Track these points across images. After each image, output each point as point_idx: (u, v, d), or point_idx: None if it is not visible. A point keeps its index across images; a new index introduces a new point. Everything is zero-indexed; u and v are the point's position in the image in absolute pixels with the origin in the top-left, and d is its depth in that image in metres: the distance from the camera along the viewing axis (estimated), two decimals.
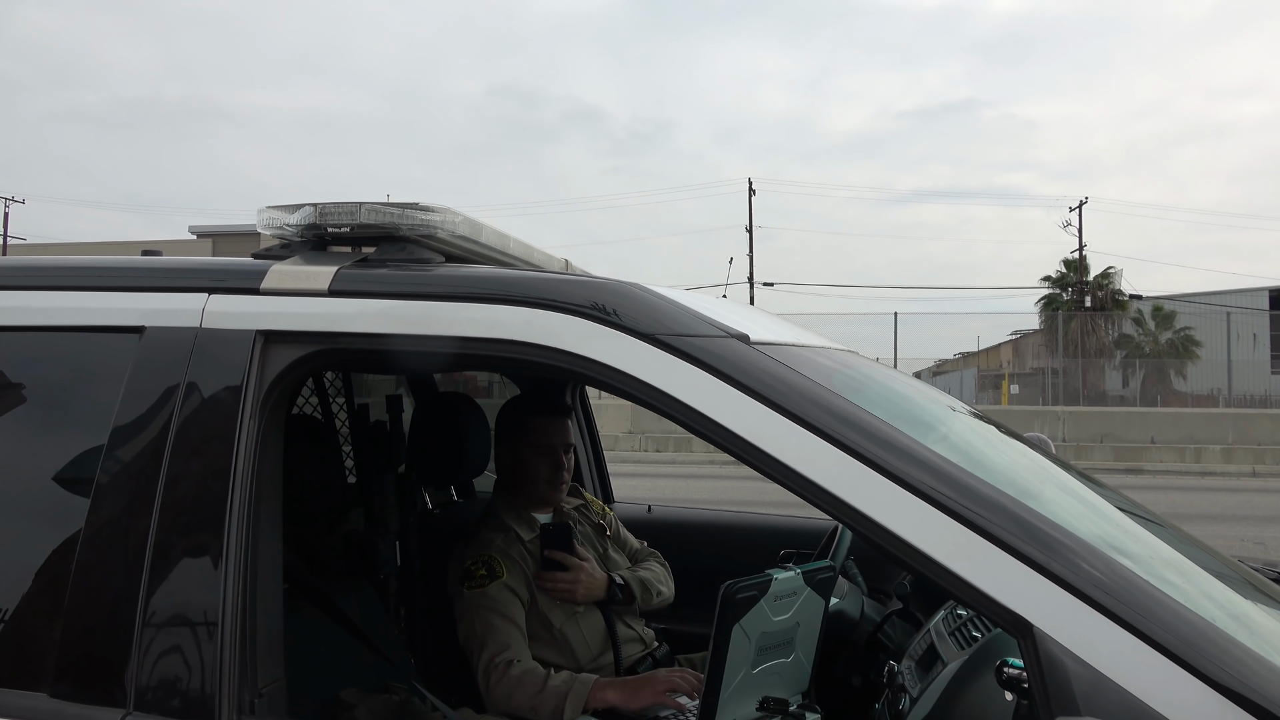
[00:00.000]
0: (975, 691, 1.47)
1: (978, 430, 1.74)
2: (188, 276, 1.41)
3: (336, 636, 1.83)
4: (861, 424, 1.17)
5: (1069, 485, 1.64)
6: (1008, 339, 39.82)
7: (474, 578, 2.13)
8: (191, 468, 1.26)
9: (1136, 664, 1.01)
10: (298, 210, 1.48)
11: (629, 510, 3.01)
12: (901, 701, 1.74)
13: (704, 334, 1.26)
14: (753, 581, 1.78)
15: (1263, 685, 0.99)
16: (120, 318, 1.37)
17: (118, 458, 1.29)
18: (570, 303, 1.28)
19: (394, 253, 1.44)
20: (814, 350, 1.49)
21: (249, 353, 1.30)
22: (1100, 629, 1.03)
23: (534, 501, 2.32)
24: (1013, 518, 1.09)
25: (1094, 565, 1.07)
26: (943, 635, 1.80)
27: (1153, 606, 1.04)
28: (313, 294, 1.34)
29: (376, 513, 2.24)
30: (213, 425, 1.27)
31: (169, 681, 1.18)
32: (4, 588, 1.31)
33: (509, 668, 2.03)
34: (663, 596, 2.40)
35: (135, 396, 1.31)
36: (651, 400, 1.23)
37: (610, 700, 1.99)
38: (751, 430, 1.17)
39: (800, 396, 1.19)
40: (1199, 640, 1.02)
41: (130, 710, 1.17)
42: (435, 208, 1.46)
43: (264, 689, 1.22)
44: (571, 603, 2.19)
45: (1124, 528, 1.53)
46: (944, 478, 1.12)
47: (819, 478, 1.13)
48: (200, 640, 1.18)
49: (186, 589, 1.21)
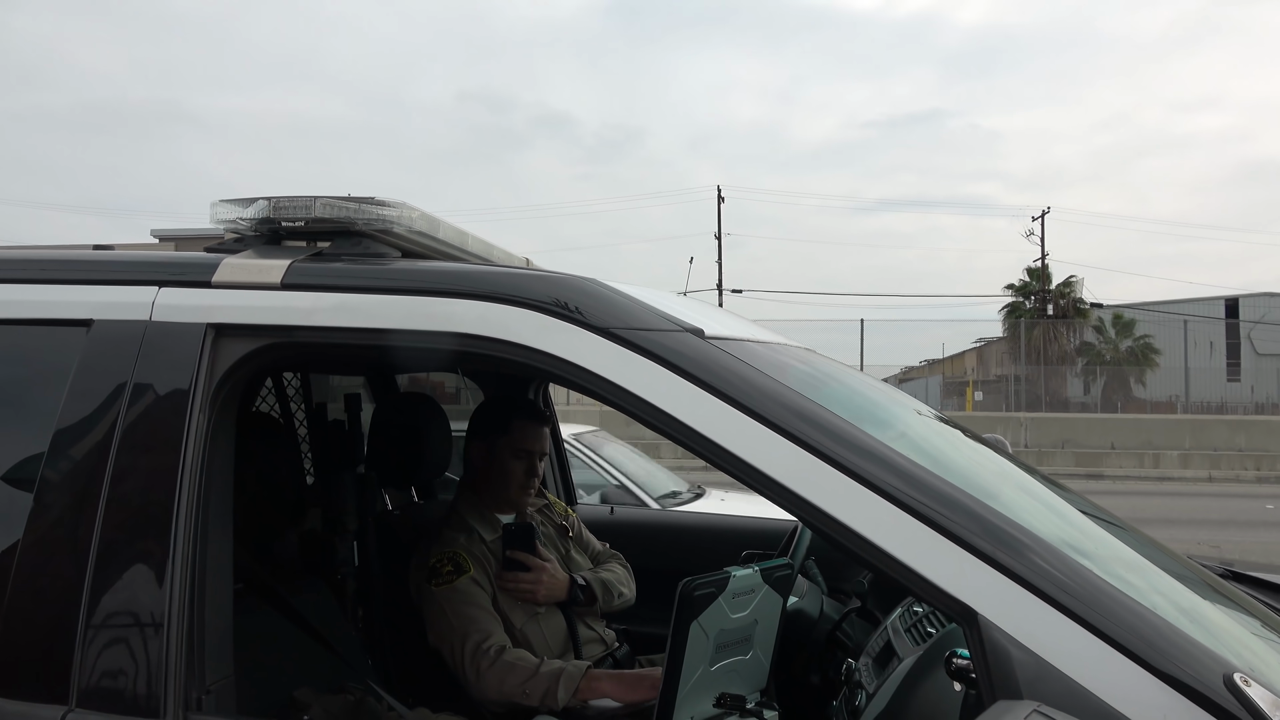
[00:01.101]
0: (928, 686, 1.48)
1: (933, 428, 1.76)
2: (138, 269, 1.40)
3: (292, 636, 1.81)
4: (813, 417, 1.18)
5: (1022, 482, 1.66)
6: (972, 346, 40.32)
7: (440, 574, 2.11)
8: (138, 462, 1.24)
9: (1079, 651, 1.03)
10: (252, 204, 1.47)
11: (592, 511, 3.01)
12: (858, 698, 1.76)
13: (659, 328, 1.26)
14: (711, 579, 1.78)
15: (1203, 673, 1.01)
16: (68, 310, 1.35)
17: (63, 451, 1.27)
18: (526, 297, 1.28)
19: (349, 248, 1.43)
20: (769, 346, 1.50)
21: (199, 346, 1.29)
22: (1044, 617, 1.04)
23: (500, 503, 2.31)
24: (960, 509, 1.11)
25: (1040, 556, 1.09)
26: (899, 632, 1.82)
27: (1097, 596, 1.06)
28: (265, 287, 1.33)
29: (334, 513, 2.22)
30: (161, 419, 1.26)
31: (113, 677, 1.16)
32: None
33: (501, 653, 2.02)
34: (624, 598, 2.40)
35: (82, 390, 1.29)
36: (606, 394, 1.23)
37: (605, 690, 1.98)
38: (704, 423, 1.18)
39: (753, 390, 1.20)
40: (1142, 628, 1.04)
41: (73, 707, 1.15)
42: (392, 202, 1.46)
43: (212, 685, 1.20)
44: (533, 603, 2.19)
45: (1074, 522, 1.55)
46: (893, 470, 1.13)
47: (771, 470, 1.14)
48: (146, 637, 1.16)
49: (132, 586, 1.19)
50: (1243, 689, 0.98)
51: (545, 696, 1.96)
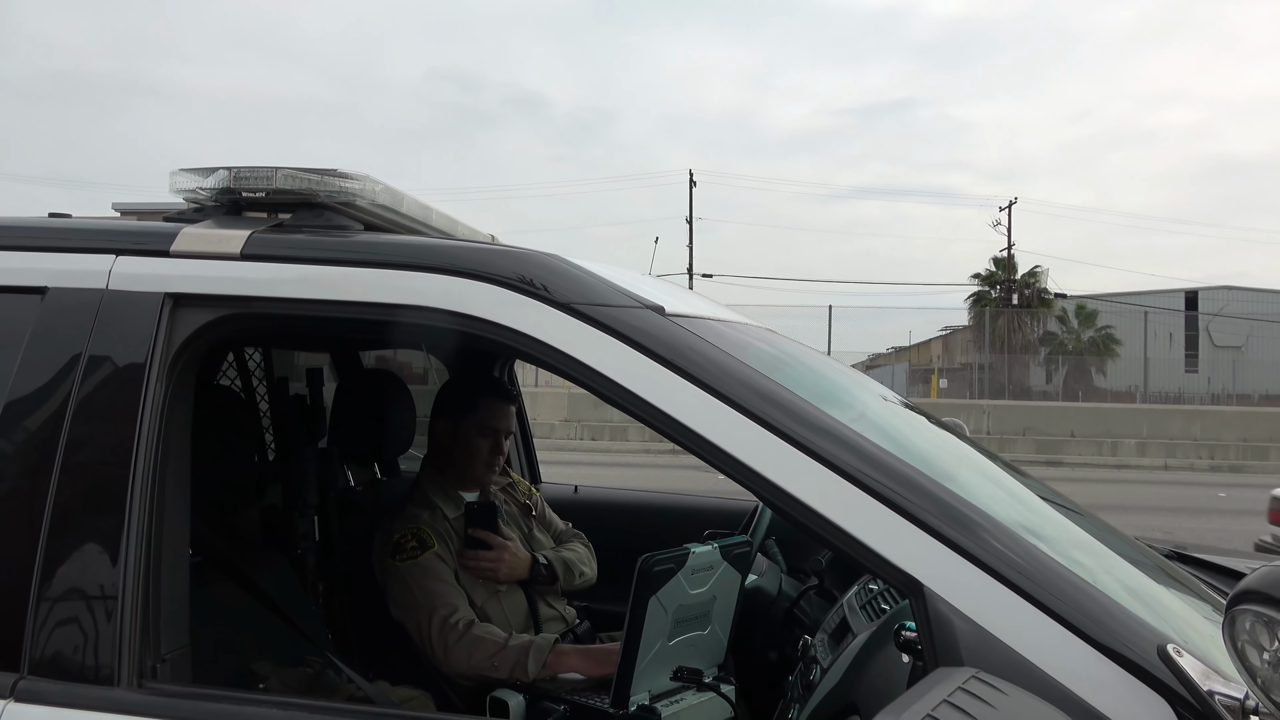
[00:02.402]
0: (880, 659, 1.52)
1: (891, 410, 1.79)
2: (94, 237, 1.38)
3: (251, 609, 1.80)
4: (770, 395, 1.20)
5: (976, 464, 1.69)
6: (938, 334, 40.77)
7: (404, 550, 2.12)
8: (94, 431, 1.23)
9: (1021, 623, 1.06)
10: (212, 174, 1.45)
11: (556, 491, 3.02)
12: (813, 672, 1.79)
13: (620, 304, 1.27)
14: (670, 555, 1.81)
15: (1139, 644, 1.05)
16: (22, 278, 1.33)
17: (16, 420, 1.25)
18: (489, 272, 1.28)
19: (311, 219, 1.42)
20: (730, 325, 1.52)
21: (156, 316, 1.27)
22: (988, 591, 1.07)
23: (464, 480, 2.32)
24: (911, 485, 1.13)
25: (986, 532, 1.11)
26: (854, 609, 1.85)
27: (1040, 571, 1.09)
28: (225, 257, 1.32)
29: (295, 487, 2.21)
30: (117, 389, 1.24)
31: (67, 645, 1.15)
32: None
33: (469, 627, 2.03)
34: (585, 577, 2.42)
35: (36, 358, 1.27)
36: (568, 369, 1.24)
37: (571, 665, 2.00)
38: (664, 399, 1.19)
39: (712, 367, 1.21)
40: (1082, 602, 1.07)
41: (24, 674, 1.14)
42: (355, 175, 1.45)
43: (167, 655, 1.20)
44: (495, 581, 2.20)
45: (1025, 503, 1.59)
46: (847, 447, 1.16)
47: (728, 446, 1.16)
48: (100, 606, 1.16)
49: (86, 555, 1.18)
50: (1175, 659, 1.01)
51: (514, 669, 1.98)
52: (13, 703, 1.12)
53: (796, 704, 1.79)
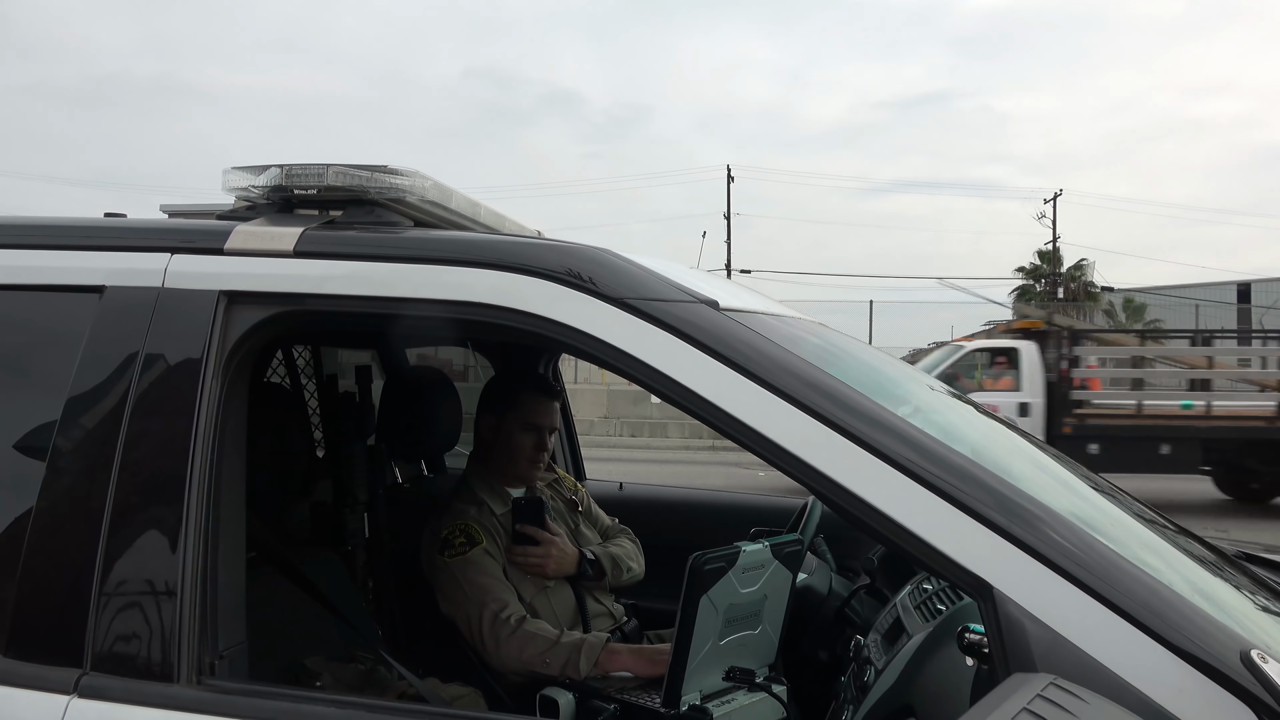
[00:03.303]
0: (939, 661, 1.48)
1: (947, 402, 1.76)
2: (150, 236, 1.39)
3: (304, 605, 1.82)
4: (828, 389, 1.17)
5: (1034, 457, 1.65)
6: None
7: (453, 546, 2.12)
8: (152, 427, 1.24)
9: (1094, 626, 1.02)
10: (264, 171, 1.46)
11: (600, 487, 3.01)
12: (867, 673, 1.76)
13: (674, 299, 1.25)
14: (721, 553, 1.78)
15: (1220, 649, 1.01)
16: (80, 276, 1.35)
17: (76, 417, 1.27)
18: (541, 267, 1.27)
19: (361, 216, 1.42)
20: (781, 319, 1.49)
21: (212, 313, 1.28)
22: (1059, 592, 1.04)
23: (510, 477, 2.32)
24: (974, 482, 1.10)
25: (1054, 531, 1.08)
26: (908, 609, 1.82)
27: (1112, 571, 1.05)
28: (278, 255, 1.32)
29: (345, 484, 2.23)
30: (174, 385, 1.25)
31: (127, 642, 1.16)
32: None
33: (521, 623, 2.04)
34: (633, 573, 2.41)
35: (95, 355, 1.29)
36: (620, 364, 1.23)
37: (622, 664, 1.99)
38: (719, 394, 1.17)
39: (768, 362, 1.19)
40: (1157, 604, 1.04)
41: (87, 670, 1.16)
42: (405, 171, 1.44)
43: (225, 651, 1.21)
44: (542, 577, 2.19)
45: (1088, 499, 1.54)
46: (908, 443, 1.13)
47: (786, 442, 1.14)
48: (159, 602, 1.17)
49: (145, 551, 1.19)
50: (1260, 665, 0.97)
51: (566, 666, 1.97)
52: (76, 698, 1.13)
53: (850, 705, 1.75)
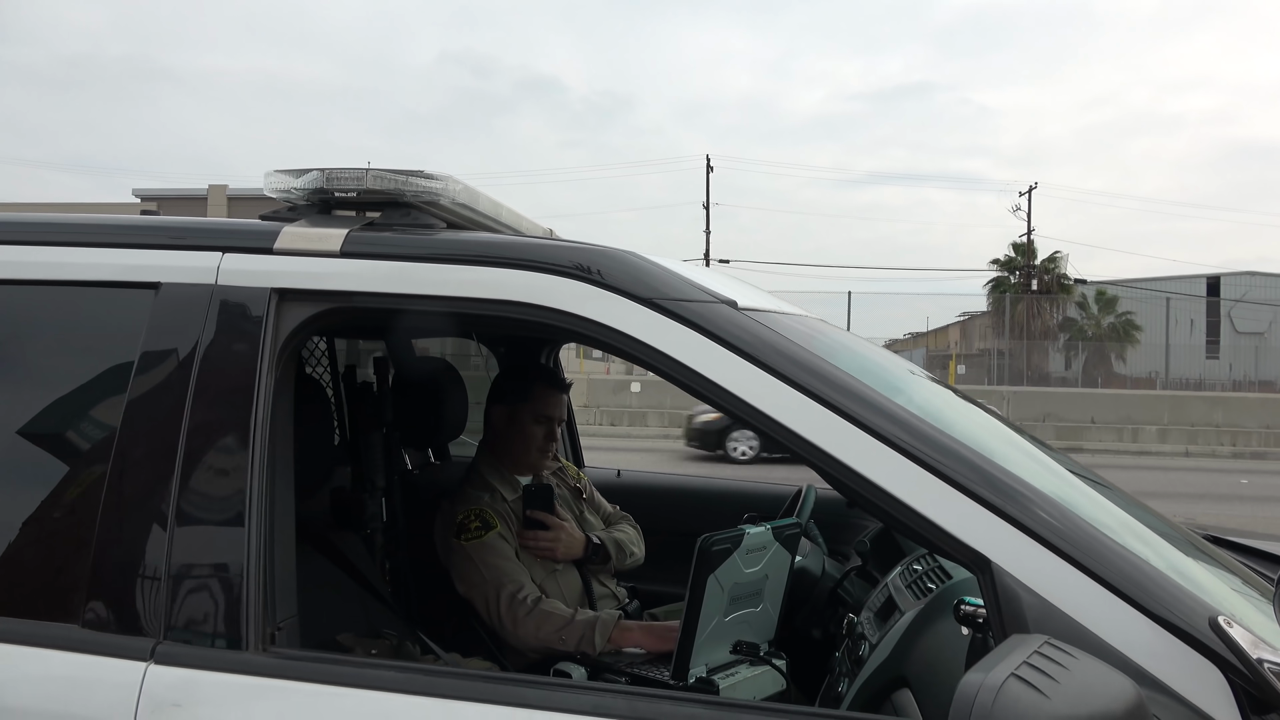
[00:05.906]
0: (932, 634, 1.60)
1: (938, 392, 1.88)
2: (202, 235, 1.47)
3: (333, 584, 1.91)
4: (840, 382, 1.28)
5: (1020, 444, 1.77)
6: (956, 320, 40.62)
7: (468, 529, 2.22)
8: (213, 418, 1.33)
9: (1081, 595, 1.14)
10: (304, 174, 1.54)
11: (599, 474, 3.12)
12: (861, 648, 1.87)
13: (696, 299, 1.36)
14: (727, 535, 1.90)
15: (1191, 615, 1.13)
16: (137, 274, 1.43)
17: (140, 406, 1.35)
18: (570, 266, 1.37)
19: (398, 218, 1.51)
20: (792, 317, 1.60)
21: (265, 309, 1.37)
22: (1049, 565, 1.16)
23: (519, 465, 2.42)
24: (972, 466, 1.22)
25: (1045, 510, 1.20)
26: (900, 589, 1.94)
27: (1094, 545, 1.17)
28: (325, 254, 1.41)
29: (364, 471, 2.32)
30: (232, 377, 1.34)
31: (198, 613, 1.26)
32: (31, 537, 1.38)
33: (537, 603, 2.14)
34: (635, 557, 2.52)
35: (154, 350, 1.37)
36: (647, 358, 1.33)
37: (634, 640, 2.10)
38: (741, 386, 1.28)
39: (784, 357, 1.30)
40: (1136, 575, 1.16)
41: (161, 639, 1.25)
42: (438, 175, 1.53)
43: (282, 623, 1.31)
44: (552, 560, 2.30)
45: (1068, 480, 1.67)
46: (912, 430, 1.24)
47: (803, 430, 1.25)
48: (228, 578, 1.26)
49: (213, 533, 1.28)
50: (1225, 629, 1.09)
51: (581, 642, 2.08)
52: (154, 665, 1.22)
53: (845, 678, 1.87)
